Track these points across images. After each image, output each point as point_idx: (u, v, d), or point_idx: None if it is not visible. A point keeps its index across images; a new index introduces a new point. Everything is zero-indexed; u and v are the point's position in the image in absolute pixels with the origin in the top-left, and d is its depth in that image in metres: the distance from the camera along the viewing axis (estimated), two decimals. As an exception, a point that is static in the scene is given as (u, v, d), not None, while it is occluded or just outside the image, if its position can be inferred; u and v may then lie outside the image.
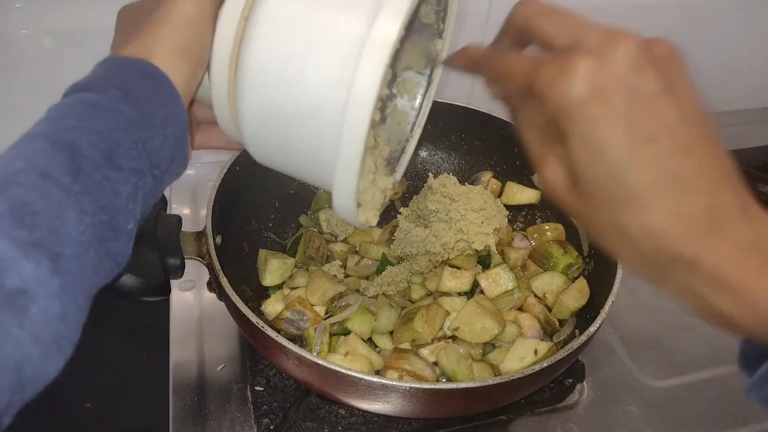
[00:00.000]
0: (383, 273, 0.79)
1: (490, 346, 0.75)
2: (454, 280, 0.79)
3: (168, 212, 0.70)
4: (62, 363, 0.37)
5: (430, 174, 0.84)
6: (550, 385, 0.77)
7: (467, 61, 0.44)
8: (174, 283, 0.67)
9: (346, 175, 0.43)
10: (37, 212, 0.35)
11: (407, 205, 0.84)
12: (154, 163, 0.43)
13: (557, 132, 0.36)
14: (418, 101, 0.60)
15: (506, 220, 0.82)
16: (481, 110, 0.89)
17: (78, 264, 0.37)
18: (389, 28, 0.40)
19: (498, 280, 0.79)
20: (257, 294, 0.79)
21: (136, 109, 0.41)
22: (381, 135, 0.56)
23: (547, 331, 0.77)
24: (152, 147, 0.42)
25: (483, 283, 0.79)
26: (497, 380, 0.59)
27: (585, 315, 0.76)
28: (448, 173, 0.82)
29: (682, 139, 0.34)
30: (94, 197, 0.38)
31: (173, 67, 0.44)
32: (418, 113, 0.60)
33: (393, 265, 0.80)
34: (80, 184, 0.37)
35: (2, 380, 0.32)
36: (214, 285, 0.69)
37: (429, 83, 0.59)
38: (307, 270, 0.81)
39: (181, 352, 0.78)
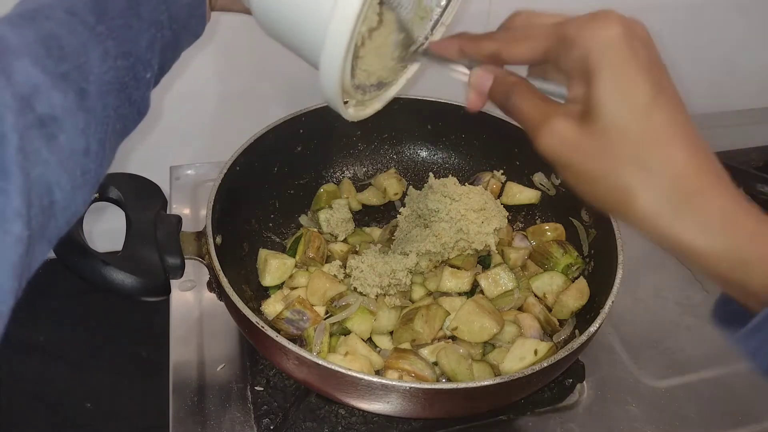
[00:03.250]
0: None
1: (490, 346, 0.75)
2: (454, 280, 0.79)
3: (168, 212, 0.70)
4: (88, 197, 0.41)
5: (431, 174, 0.84)
6: (550, 385, 0.77)
7: (465, 42, 0.46)
8: (174, 283, 0.67)
9: (333, 51, 0.43)
10: (64, 46, 0.38)
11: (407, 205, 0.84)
12: (173, 16, 0.46)
13: (580, 75, 0.39)
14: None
15: (506, 220, 0.82)
16: (480, 110, 0.89)
17: (102, 103, 0.40)
18: None
19: (498, 280, 0.79)
20: (257, 294, 0.79)
21: None
22: (388, 16, 0.53)
23: (547, 331, 0.77)
24: (171, 0, 0.45)
25: (483, 283, 0.79)
26: (497, 380, 0.59)
27: (585, 315, 0.76)
28: (448, 173, 0.82)
29: (678, 99, 0.39)
30: (117, 41, 0.41)
31: None
32: (444, 10, 0.57)
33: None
34: (104, 25, 0.41)
35: (35, 198, 0.35)
36: (214, 285, 0.69)
37: None
38: (307, 270, 0.81)
39: (181, 352, 0.78)
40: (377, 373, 0.71)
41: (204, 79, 1.00)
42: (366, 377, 0.58)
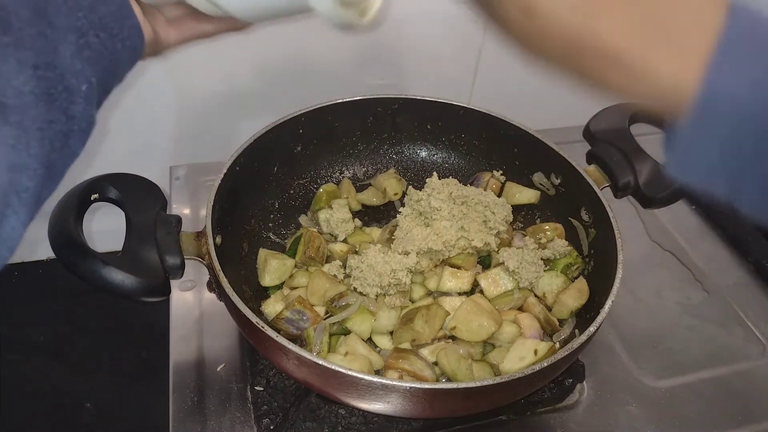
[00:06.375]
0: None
1: (490, 346, 0.75)
2: (454, 280, 0.79)
3: (168, 212, 0.70)
4: (26, 218, 0.39)
5: (435, 173, 0.84)
6: (550, 385, 0.77)
7: None
8: (174, 283, 0.67)
9: None
10: None
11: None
12: (94, 23, 0.44)
13: None
14: None
15: (507, 222, 0.82)
16: (481, 110, 0.89)
17: (29, 116, 0.39)
18: None
19: (498, 280, 0.79)
20: (257, 294, 0.79)
21: None
22: None
23: (547, 331, 0.77)
24: (86, 6, 0.44)
25: (483, 283, 0.79)
26: (497, 380, 0.59)
27: (585, 315, 0.76)
28: (448, 173, 0.82)
29: None
30: (31, 51, 0.40)
31: None
32: None
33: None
34: (11, 36, 0.39)
35: None
36: (214, 285, 0.69)
37: None
38: (307, 270, 0.81)
39: (181, 352, 0.78)
40: (377, 373, 0.71)
41: (204, 79, 1.00)
42: (366, 377, 0.58)
